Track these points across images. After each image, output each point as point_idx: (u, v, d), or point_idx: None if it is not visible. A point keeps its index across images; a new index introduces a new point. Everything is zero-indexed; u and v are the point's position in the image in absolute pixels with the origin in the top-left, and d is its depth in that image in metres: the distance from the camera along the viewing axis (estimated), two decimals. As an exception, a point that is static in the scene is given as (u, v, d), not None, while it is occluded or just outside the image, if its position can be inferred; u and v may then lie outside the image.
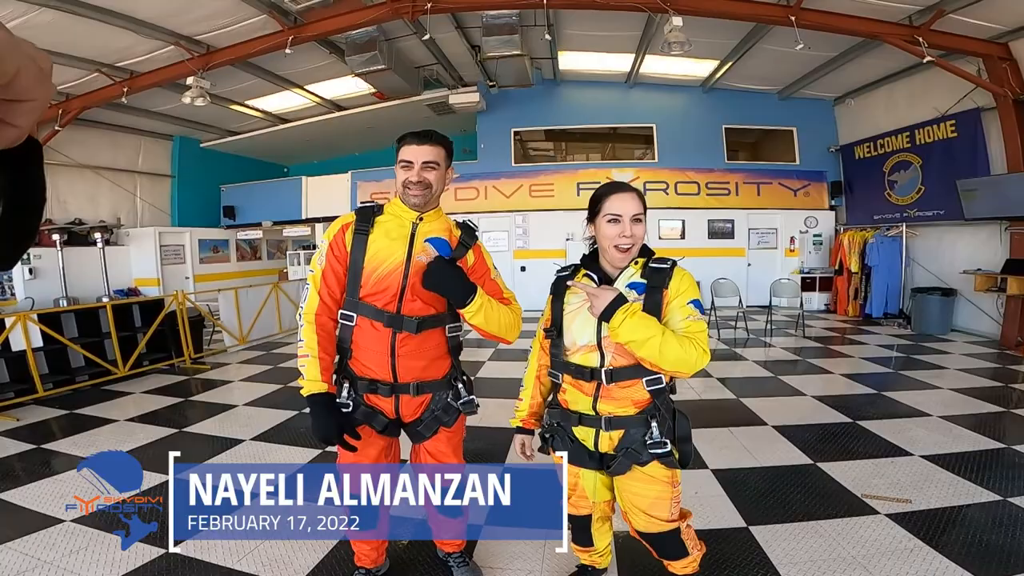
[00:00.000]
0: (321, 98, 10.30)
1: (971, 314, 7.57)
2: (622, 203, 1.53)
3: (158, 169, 11.58)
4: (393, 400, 1.76)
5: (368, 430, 1.76)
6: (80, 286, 8.76)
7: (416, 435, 1.83)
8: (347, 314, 1.72)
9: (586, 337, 1.57)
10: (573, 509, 1.78)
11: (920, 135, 8.17)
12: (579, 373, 1.58)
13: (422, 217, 1.75)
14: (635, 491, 1.62)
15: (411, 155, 1.70)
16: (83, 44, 6.91)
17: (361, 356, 1.74)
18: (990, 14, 6.10)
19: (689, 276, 1.57)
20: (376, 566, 2.13)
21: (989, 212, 6.95)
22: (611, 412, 1.57)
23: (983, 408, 4.20)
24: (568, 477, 1.71)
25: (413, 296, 1.70)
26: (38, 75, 0.33)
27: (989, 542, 2.30)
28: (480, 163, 11.01)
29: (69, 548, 2.41)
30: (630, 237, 1.51)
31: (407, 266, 1.70)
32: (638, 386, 1.55)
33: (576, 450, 1.64)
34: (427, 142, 1.71)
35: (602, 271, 1.60)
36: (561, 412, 1.67)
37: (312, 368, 1.65)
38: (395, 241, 1.71)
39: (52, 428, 4.21)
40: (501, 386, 4.99)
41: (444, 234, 1.78)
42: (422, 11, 6.51)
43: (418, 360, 1.74)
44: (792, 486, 2.91)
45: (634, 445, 1.56)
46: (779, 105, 10.41)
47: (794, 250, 10.43)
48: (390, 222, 1.74)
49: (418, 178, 1.69)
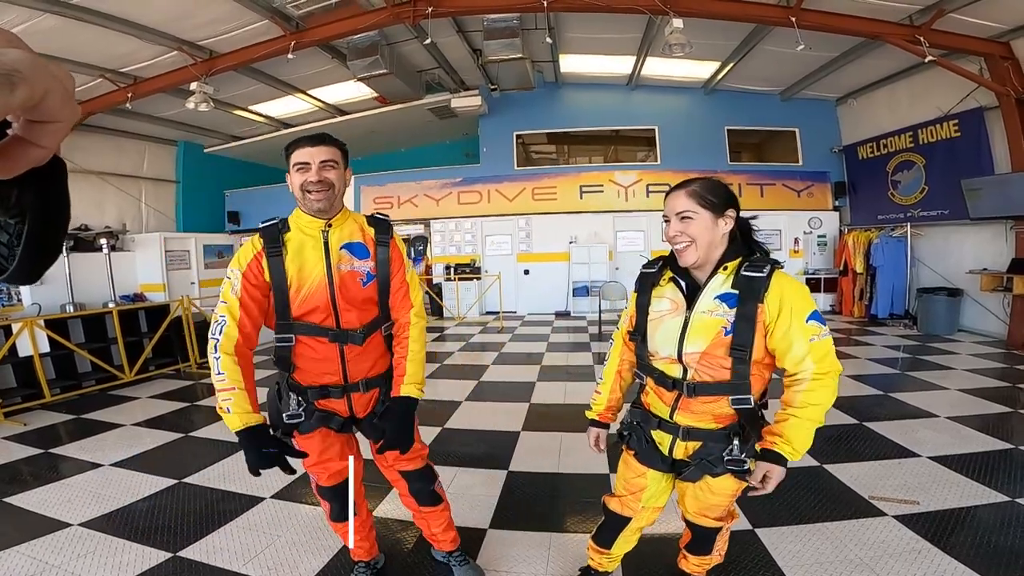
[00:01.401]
0: (324, 103, 10.35)
1: (977, 314, 7.52)
2: (669, 202, 1.47)
3: (163, 175, 11.64)
4: (345, 400, 1.79)
5: (326, 431, 1.79)
6: (86, 292, 8.80)
7: (371, 429, 1.84)
8: (284, 336, 1.69)
9: (668, 349, 1.49)
10: (619, 507, 1.74)
11: (923, 135, 8.15)
12: (661, 381, 1.53)
13: (330, 224, 1.70)
14: (698, 496, 1.61)
15: (306, 156, 1.64)
16: (87, 50, 6.96)
17: (308, 367, 1.74)
18: (991, 13, 6.08)
19: (795, 284, 1.40)
20: (372, 558, 2.15)
21: (994, 211, 6.92)
22: (689, 424, 1.51)
23: (991, 408, 4.17)
24: (630, 476, 1.69)
25: (347, 306, 1.69)
26: (64, 96, 0.34)
27: (997, 543, 2.28)
28: (483, 167, 11.04)
29: (76, 552, 2.42)
30: (681, 235, 1.42)
31: (330, 279, 1.67)
32: (722, 402, 1.46)
33: (649, 451, 1.60)
34: (321, 143, 1.66)
35: (689, 277, 1.49)
36: (643, 413, 1.63)
37: (242, 401, 1.55)
38: (311, 256, 1.67)
39: (59, 433, 4.23)
40: (504, 390, 5.01)
41: (357, 236, 1.74)
42: (423, 15, 6.53)
43: (365, 361, 1.78)
44: (798, 488, 2.89)
45: (710, 458, 1.49)
46: (781, 106, 10.39)
47: (798, 251, 10.40)
48: (299, 237, 1.69)
49: (318, 177, 1.62)
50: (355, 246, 1.72)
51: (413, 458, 1.93)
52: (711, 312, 1.41)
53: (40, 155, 0.35)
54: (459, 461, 3.39)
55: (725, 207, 1.43)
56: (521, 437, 3.82)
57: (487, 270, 10.83)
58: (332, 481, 1.88)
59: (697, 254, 1.41)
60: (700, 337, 1.42)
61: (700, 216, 1.40)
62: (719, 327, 1.40)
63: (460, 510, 2.74)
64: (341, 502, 1.89)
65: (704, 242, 1.40)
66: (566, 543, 2.42)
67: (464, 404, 4.63)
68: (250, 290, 1.63)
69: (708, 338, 1.41)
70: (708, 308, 1.42)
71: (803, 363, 1.36)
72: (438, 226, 11.20)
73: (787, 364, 1.40)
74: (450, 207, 11.07)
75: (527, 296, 10.78)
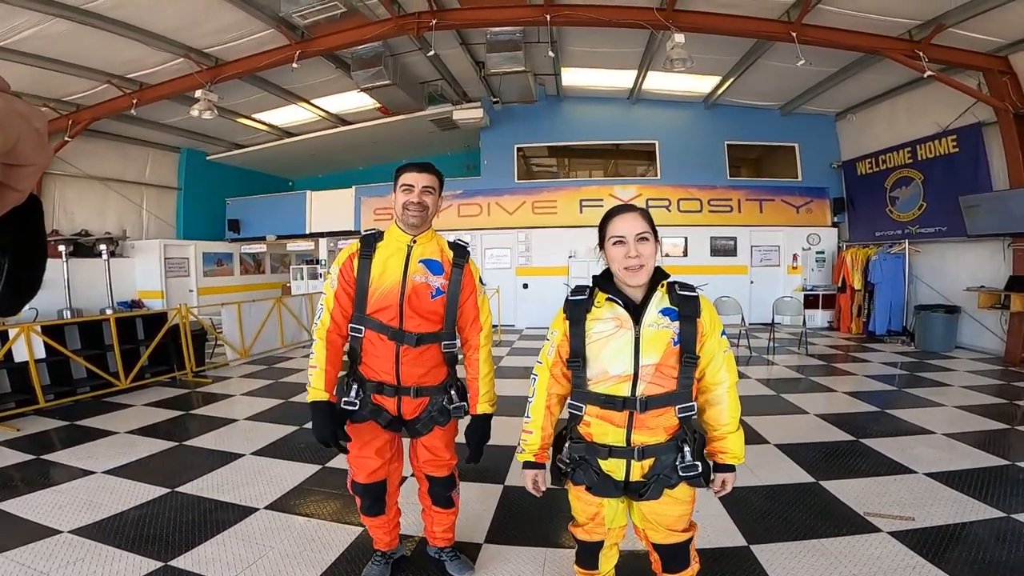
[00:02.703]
0: (327, 112, 10.42)
1: (975, 331, 7.53)
2: (624, 223, 1.51)
3: (165, 181, 11.69)
4: (396, 400, 1.96)
5: (373, 424, 1.97)
6: (84, 297, 8.81)
7: (414, 432, 2.02)
8: (356, 327, 1.92)
9: (620, 367, 1.50)
10: (586, 535, 1.74)
11: (921, 151, 8.20)
12: (609, 403, 1.52)
13: (415, 240, 1.95)
14: (660, 512, 1.60)
15: (412, 180, 1.91)
16: (94, 55, 7.04)
17: (370, 362, 1.95)
18: (990, 27, 6.13)
19: (711, 304, 1.60)
20: (391, 548, 2.28)
21: (992, 228, 6.94)
22: (644, 442, 1.53)
23: (987, 425, 4.16)
24: (587, 508, 1.68)
25: (412, 312, 1.90)
26: (37, 140, 0.34)
27: (992, 559, 2.28)
28: (483, 179, 11.08)
29: (66, 559, 2.40)
30: (636, 257, 1.48)
31: (404, 285, 1.90)
32: (670, 413, 1.52)
33: (601, 482, 1.58)
34: (426, 171, 1.93)
35: (625, 296, 1.54)
36: (586, 446, 1.58)
37: (318, 379, 1.87)
38: (393, 263, 1.91)
39: (52, 439, 4.20)
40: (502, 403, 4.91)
41: (436, 255, 1.97)
42: (427, 27, 6.61)
43: (418, 368, 1.94)
44: (794, 504, 2.88)
45: (665, 471, 1.53)
46: (781, 121, 10.47)
47: (797, 267, 10.42)
48: (389, 247, 1.94)
49: (418, 199, 1.90)
50: (432, 263, 1.95)
51: (441, 466, 2.11)
52: (658, 325, 1.51)
53: (16, 197, 0.36)
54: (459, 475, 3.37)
55: (656, 233, 1.56)
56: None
57: (486, 283, 10.72)
58: (368, 479, 2.04)
59: (647, 274, 1.51)
60: (654, 349, 1.50)
61: (651, 239, 1.52)
62: (668, 338, 1.50)
63: (457, 524, 2.73)
64: (371, 499, 2.09)
65: (651, 264, 1.52)
66: (561, 558, 2.40)
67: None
68: (343, 284, 1.92)
69: (661, 349, 1.50)
70: (655, 321, 1.51)
71: (720, 372, 1.56)
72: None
73: (708, 374, 1.56)
74: (450, 219, 11.08)
75: (526, 310, 10.77)
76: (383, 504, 2.12)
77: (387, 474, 2.09)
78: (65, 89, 7.97)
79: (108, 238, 9.75)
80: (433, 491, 2.15)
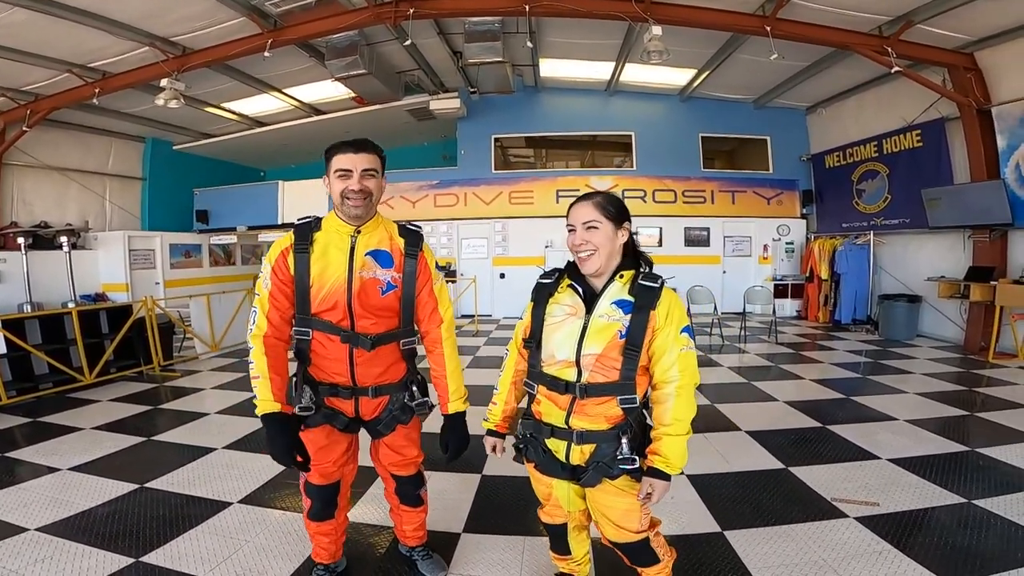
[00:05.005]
0: (300, 102, 10.19)
1: (936, 320, 7.81)
2: (575, 212, 1.55)
3: (129, 172, 11.30)
4: (353, 401, 1.83)
5: (330, 428, 1.83)
6: (45, 291, 8.48)
7: (376, 432, 1.91)
8: (302, 330, 1.74)
9: (565, 352, 1.54)
10: (548, 518, 1.81)
11: (887, 144, 8.42)
12: (554, 385, 1.56)
13: (360, 230, 1.74)
14: (606, 503, 1.62)
15: (349, 163, 1.66)
16: (56, 44, 6.73)
17: (321, 364, 1.79)
18: (957, 24, 6.28)
19: (678, 299, 1.56)
20: (334, 562, 2.14)
21: (952, 220, 7.17)
22: (583, 427, 1.55)
23: (948, 412, 4.32)
24: (540, 487, 1.75)
25: (363, 312, 1.73)
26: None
27: (955, 544, 2.36)
28: (460, 169, 11.01)
29: (34, 557, 2.34)
30: (584, 244, 1.51)
31: (350, 283, 1.70)
32: (612, 403, 1.53)
33: (548, 461, 1.63)
34: (364, 150, 1.68)
35: (586, 283, 1.57)
36: (535, 424, 1.65)
37: (264, 389, 1.66)
38: (335, 258, 1.71)
39: (15, 436, 4.07)
40: (477, 393, 4.92)
41: (384, 245, 1.77)
42: (404, 16, 6.50)
43: (375, 367, 1.80)
44: (765, 491, 2.96)
45: (605, 459, 1.54)
46: (754, 114, 10.64)
47: (767, 257, 10.64)
48: (328, 237, 1.73)
49: (359, 187, 1.66)
50: (380, 254, 1.75)
51: (407, 464, 1.99)
52: (608, 316, 1.51)
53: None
54: (432, 465, 3.34)
55: (622, 219, 1.54)
56: (495, 440, 3.80)
57: (463, 273, 10.80)
58: (322, 481, 1.90)
59: (599, 262, 1.51)
60: (597, 340, 1.51)
61: (604, 226, 1.51)
62: (615, 331, 1.50)
63: (434, 514, 2.71)
64: (323, 503, 1.94)
65: (606, 251, 1.51)
66: (540, 547, 2.42)
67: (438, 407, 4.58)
68: (278, 284, 1.70)
69: (604, 340, 1.50)
70: (605, 312, 1.52)
71: (671, 370, 1.50)
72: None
73: (657, 370, 1.52)
74: (426, 210, 11.00)
75: (503, 299, 10.77)
76: (334, 508, 1.97)
77: (342, 475, 1.96)
78: (23, 78, 7.61)
79: (69, 230, 9.40)
80: (401, 490, 2.04)
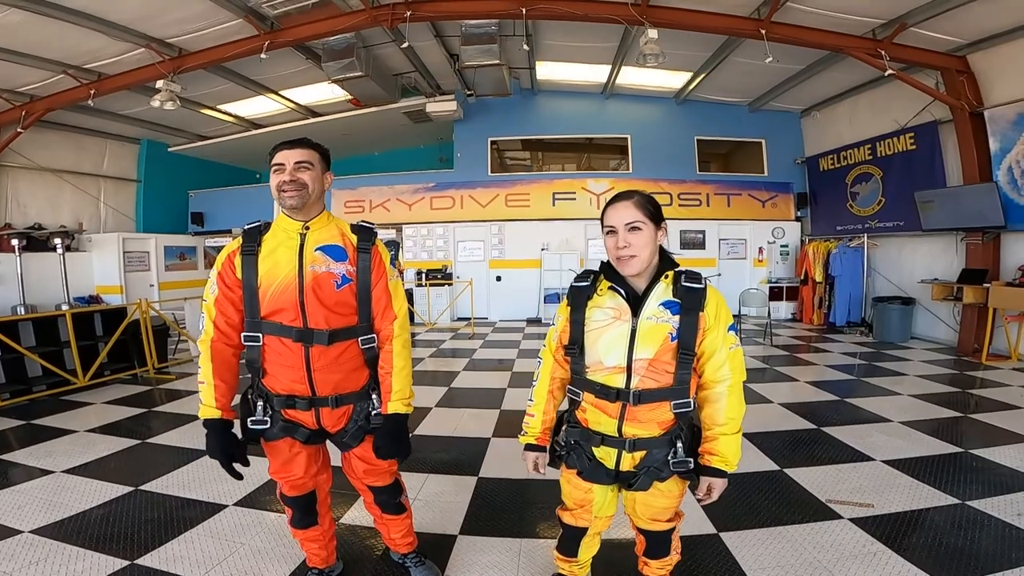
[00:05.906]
0: (296, 104, 10.18)
1: (929, 322, 7.86)
2: (615, 213, 1.47)
3: (124, 173, 11.25)
4: (313, 413, 1.76)
5: (291, 440, 1.79)
6: (39, 293, 8.46)
7: (343, 445, 1.85)
8: (251, 335, 1.69)
9: (615, 358, 1.48)
10: (572, 520, 1.76)
11: (881, 147, 8.48)
12: (603, 393, 1.51)
13: (308, 226, 1.72)
14: (647, 503, 1.63)
15: (282, 158, 1.68)
16: (52, 45, 6.71)
17: (276, 373, 1.73)
18: (950, 27, 6.33)
19: (721, 296, 1.53)
20: (328, 566, 2.13)
21: (945, 223, 7.22)
22: (636, 434, 1.52)
23: (941, 413, 4.35)
24: (577, 493, 1.69)
25: (317, 306, 1.67)
26: None
27: (949, 545, 2.37)
28: (456, 172, 11.02)
29: (29, 559, 2.33)
30: (626, 247, 1.44)
31: (300, 278, 1.66)
32: (664, 408, 1.50)
33: (593, 468, 1.59)
34: (299, 146, 1.71)
35: (627, 285, 1.51)
36: (581, 431, 1.59)
37: (207, 394, 1.68)
38: (284, 256, 1.68)
39: (8, 439, 4.04)
40: (475, 396, 4.99)
41: (336, 240, 1.74)
42: (401, 19, 6.50)
43: (334, 373, 1.73)
44: (760, 492, 2.97)
45: (656, 464, 1.53)
46: (749, 117, 10.68)
47: (762, 260, 10.68)
48: (276, 237, 1.71)
49: (291, 178, 1.66)
50: (332, 248, 1.72)
51: (382, 474, 1.94)
52: (657, 318, 1.47)
53: None
54: (429, 468, 3.37)
55: (661, 218, 1.50)
56: (491, 443, 3.81)
57: (459, 276, 10.80)
58: (295, 492, 1.89)
59: (642, 264, 1.46)
60: (649, 343, 1.46)
61: (647, 227, 1.46)
62: (666, 333, 1.46)
63: (430, 516, 2.73)
64: (301, 512, 1.93)
65: (648, 253, 1.46)
66: (536, 549, 2.42)
67: (434, 410, 4.59)
68: (224, 289, 1.69)
69: (657, 344, 1.46)
70: (653, 314, 1.47)
71: (722, 369, 1.49)
72: (410, 231, 11.11)
73: (708, 370, 1.50)
74: (423, 212, 11.00)
75: (499, 302, 10.78)
76: (314, 515, 1.95)
77: (316, 485, 1.93)
78: (18, 80, 7.58)
79: (63, 232, 9.36)
80: (380, 500, 1.99)
